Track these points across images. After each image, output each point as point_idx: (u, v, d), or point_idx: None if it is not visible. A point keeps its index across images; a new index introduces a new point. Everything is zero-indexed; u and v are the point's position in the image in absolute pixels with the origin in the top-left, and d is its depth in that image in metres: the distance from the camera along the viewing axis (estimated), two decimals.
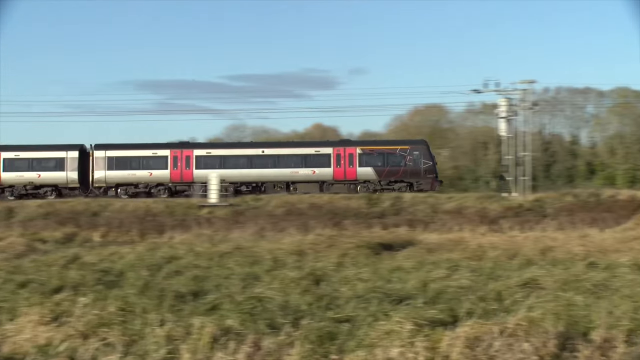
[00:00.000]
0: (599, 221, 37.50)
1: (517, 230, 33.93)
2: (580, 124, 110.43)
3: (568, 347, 10.90)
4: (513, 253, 23.71)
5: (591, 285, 16.32)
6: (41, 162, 61.31)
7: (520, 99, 62.99)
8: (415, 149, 62.50)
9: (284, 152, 62.72)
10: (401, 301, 14.26)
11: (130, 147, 63.84)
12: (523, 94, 62.62)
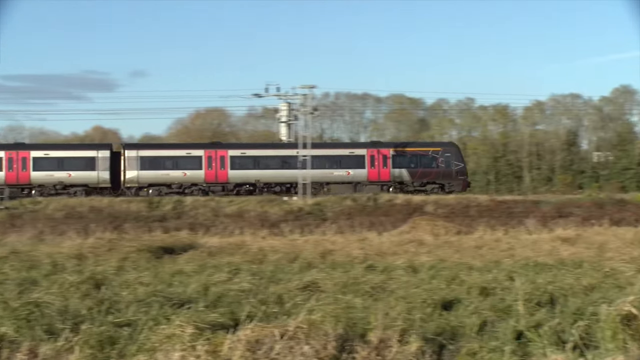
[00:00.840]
0: (377, 225, 38.72)
1: (297, 234, 34.40)
2: (359, 128, 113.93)
3: (347, 349, 11.14)
4: (294, 256, 24.01)
5: (369, 287, 16.77)
6: (71, 161, 59.82)
7: (301, 104, 64.00)
8: (447, 151, 63.27)
9: (319, 153, 61.83)
10: (182, 305, 14.12)
11: (164, 146, 64.69)
12: (303, 99, 63.68)
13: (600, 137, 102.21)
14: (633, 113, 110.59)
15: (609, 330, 11.83)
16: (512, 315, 13.37)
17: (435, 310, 14.24)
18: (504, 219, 42.01)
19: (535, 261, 21.76)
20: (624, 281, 16.86)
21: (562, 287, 15.97)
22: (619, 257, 22.33)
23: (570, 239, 29.38)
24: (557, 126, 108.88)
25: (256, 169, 61.60)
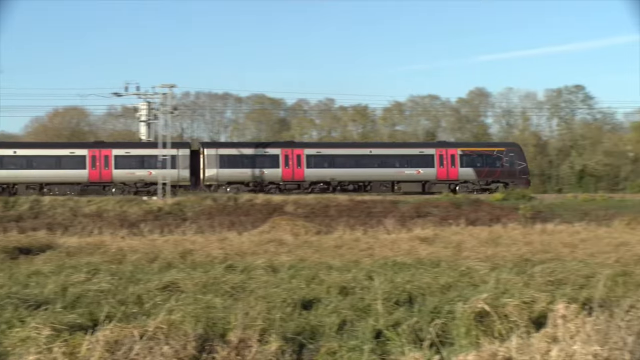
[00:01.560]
0: (238, 224, 38.64)
1: (157, 234, 34.00)
2: (219, 128, 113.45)
3: (207, 349, 11.09)
4: (153, 256, 23.71)
5: (229, 287, 16.73)
6: (153, 159, 59.79)
7: (161, 103, 63.18)
8: (511, 151, 64.93)
9: (391, 152, 64.25)
10: (39, 306, 13.76)
11: (241, 145, 65.29)
12: (163, 98, 62.88)
13: (458, 137, 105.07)
14: (487, 115, 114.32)
15: (464, 327, 12.19)
16: (372, 314, 13.59)
17: (295, 309, 14.33)
18: (364, 218, 42.61)
19: (394, 260, 22.13)
20: (478, 279, 17.38)
21: (420, 286, 16.32)
22: (475, 256, 23.00)
23: (428, 238, 30.05)
24: (415, 127, 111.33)
25: (332, 167, 62.68)
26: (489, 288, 14.61)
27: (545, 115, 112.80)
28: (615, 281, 16.70)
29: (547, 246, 26.56)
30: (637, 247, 25.47)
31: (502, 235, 31.29)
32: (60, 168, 60.02)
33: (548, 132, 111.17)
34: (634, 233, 32.95)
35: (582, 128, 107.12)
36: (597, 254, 23.15)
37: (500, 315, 12.32)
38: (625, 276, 17.61)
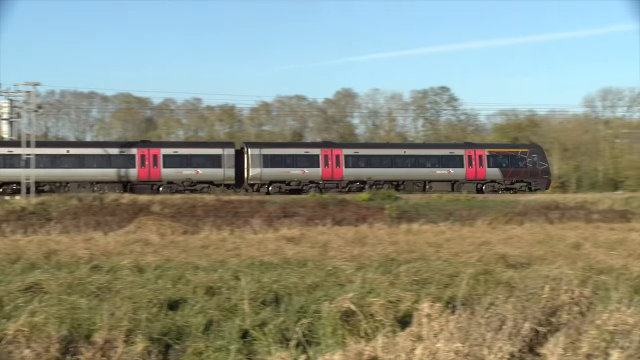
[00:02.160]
0: (103, 224, 37.97)
1: (20, 234, 33.05)
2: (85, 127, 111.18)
3: (71, 350, 10.88)
4: (15, 257, 23.02)
5: (95, 287, 16.43)
6: (199, 158, 62.17)
7: (24, 101, 61.46)
8: (534, 152, 68.30)
9: (423, 152, 67.19)
10: None
11: (283, 145, 67.79)
12: (27, 96, 61.15)
13: (325, 138, 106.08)
14: (354, 115, 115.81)
15: (330, 327, 12.31)
16: (238, 314, 13.58)
17: (161, 310, 14.20)
18: (230, 218, 42.50)
19: (261, 260, 22.16)
20: (344, 279, 17.56)
21: (287, 286, 16.40)
22: (341, 255, 23.22)
23: (294, 238, 30.18)
24: (282, 127, 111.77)
25: (368, 167, 65.12)
26: (355, 287, 14.80)
27: (410, 116, 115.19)
28: (478, 280, 17.17)
29: (413, 246, 27.06)
30: (498, 246, 26.27)
31: (368, 235, 31.71)
32: (111, 167, 61.32)
33: (414, 133, 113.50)
34: (495, 232, 33.96)
35: (447, 129, 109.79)
36: (460, 254, 23.74)
37: (366, 315, 12.49)
38: (487, 275, 18.12)
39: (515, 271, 19.09)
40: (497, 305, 11.71)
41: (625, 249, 24.99)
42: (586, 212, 48.09)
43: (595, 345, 10.88)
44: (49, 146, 63.72)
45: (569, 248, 25.95)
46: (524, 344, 10.95)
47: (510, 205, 51.10)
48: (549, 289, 11.98)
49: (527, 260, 21.97)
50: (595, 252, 23.89)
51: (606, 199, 55.30)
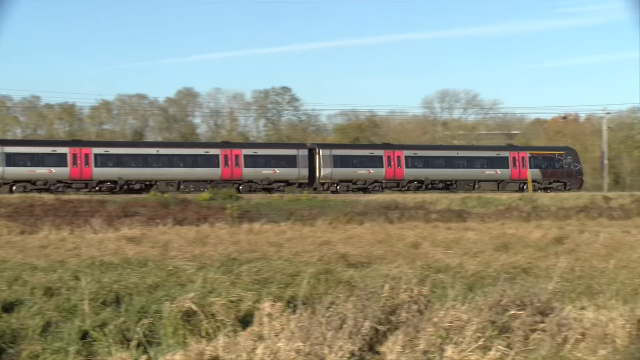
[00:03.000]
0: None
1: None
2: None
3: None
4: None
5: None
6: (277, 159, 66.10)
7: None
8: (569, 154, 74.10)
9: (475, 154, 72.37)
10: None
11: (351, 147, 72.26)
12: None
13: (166, 137, 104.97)
14: (196, 115, 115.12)
15: (171, 327, 12.23)
16: (78, 315, 13.29)
17: None
18: (70, 218, 41.43)
19: (102, 260, 21.73)
20: (186, 279, 17.43)
21: (128, 286, 16.15)
22: (182, 255, 23.04)
23: (135, 238, 29.77)
24: (124, 126, 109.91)
25: (426, 168, 69.74)
26: (196, 288, 14.72)
27: (252, 116, 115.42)
28: (319, 279, 17.37)
29: (254, 245, 27.13)
30: (339, 246, 26.66)
31: (209, 235, 31.60)
32: (197, 167, 64.49)
33: (256, 133, 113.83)
34: (336, 232, 34.44)
35: (289, 129, 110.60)
36: (302, 253, 23.94)
37: (207, 315, 12.46)
38: (328, 274, 18.36)
39: (356, 271, 19.43)
40: (338, 304, 11.90)
41: (462, 248, 25.85)
42: (425, 212, 49.42)
43: (432, 342, 11.23)
44: (140, 146, 69.57)
45: (409, 248, 26.59)
46: (364, 343, 11.17)
47: (351, 205, 51.93)
48: (389, 288, 12.25)
49: (367, 260, 22.38)
50: (433, 252, 24.59)
51: (444, 199, 57.08)
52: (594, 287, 17.15)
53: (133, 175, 63.05)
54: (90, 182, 62.11)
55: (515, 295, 12.47)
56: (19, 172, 60.39)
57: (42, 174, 60.77)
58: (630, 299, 15.21)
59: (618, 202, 57.72)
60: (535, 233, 32.73)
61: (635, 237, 30.79)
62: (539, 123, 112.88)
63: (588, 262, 20.98)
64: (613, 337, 11.89)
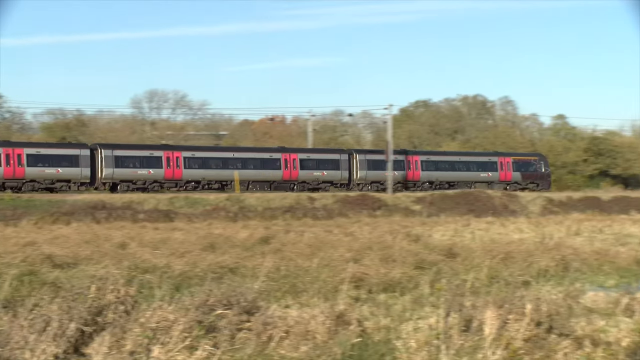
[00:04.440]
0: None
1: None
2: None
3: None
4: None
5: None
6: (324, 162, 75.03)
7: None
8: (541, 159, 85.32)
9: (472, 159, 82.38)
10: None
11: (379, 152, 76.25)
12: None
13: None
14: None
15: None
16: None
17: None
18: None
19: None
20: None
21: None
22: None
23: None
24: None
25: (436, 170, 79.17)
26: None
27: None
28: (22, 281, 16.78)
29: None
30: (44, 246, 25.82)
31: None
32: (263, 168, 71.87)
33: None
34: (41, 232, 33.38)
35: None
36: (4, 254, 22.96)
37: None
38: (32, 275, 17.79)
39: (62, 271, 18.97)
40: (42, 306, 11.57)
41: (169, 248, 25.90)
42: (132, 212, 48.99)
43: (139, 342, 11.19)
44: (219, 150, 77.43)
45: (116, 248, 26.29)
46: (69, 345, 10.93)
47: (57, 204, 50.42)
48: (95, 289, 12.08)
49: (74, 260, 21.90)
50: (141, 252, 24.46)
51: (152, 199, 56.75)
52: (298, 285, 17.84)
53: (214, 175, 70.41)
54: (179, 182, 69.31)
55: (221, 295, 12.70)
56: (125, 172, 66.91)
57: (142, 175, 67.33)
58: (330, 296, 15.98)
59: (321, 202, 60.39)
60: (242, 233, 33.45)
61: (336, 237, 32.27)
62: (247, 124, 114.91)
63: (293, 261, 21.74)
64: (314, 333, 12.42)
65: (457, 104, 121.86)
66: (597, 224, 44.40)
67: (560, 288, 16.43)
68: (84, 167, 65.46)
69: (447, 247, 26.64)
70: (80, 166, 65.37)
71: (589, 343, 11.78)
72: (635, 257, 25.94)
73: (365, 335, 12.85)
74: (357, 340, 12.31)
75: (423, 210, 59.06)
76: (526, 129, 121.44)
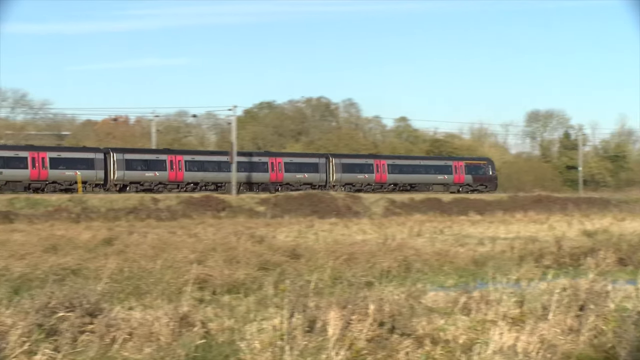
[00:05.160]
0: None
1: None
2: None
3: None
4: None
5: None
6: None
7: None
8: (489, 163, 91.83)
9: (430, 163, 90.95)
10: None
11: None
12: None
13: None
14: None
15: None
16: None
17: None
18: None
19: None
20: None
21: None
22: None
23: None
24: None
25: (400, 174, 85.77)
26: None
27: None
28: None
29: None
30: None
31: None
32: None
33: None
34: None
35: None
36: None
37: None
38: None
39: None
40: None
41: (8, 250, 25.12)
42: None
43: None
44: (216, 155, 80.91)
45: None
46: None
47: None
48: None
49: None
50: None
51: None
52: (141, 287, 17.62)
53: (211, 178, 75.56)
54: (181, 183, 74.10)
55: (63, 297, 12.40)
56: (134, 174, 71.66)
57: (149, 177, 72.10)
58: (174, 297, 15.86)
59: (165, 204, 59.77)
60: (84, 234, 32.77)
61: (180, 238, 32.03)
62: (90, 124, 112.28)
63: (136, 263, 21.43)
64: (158, 334, 12.30)
65: (301, 106, 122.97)
66: (438, 225, 45.73)
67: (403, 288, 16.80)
68: (98, 170, 70.16)
69: (291, 248, 26.79)
70: (96, 169, 70.10)
71: (429, 342, 12.13)
72: (473, 257, 26.90)
73: (209, 337, 12.82)
74: (201, 342, 12.26)
75: (267, 211, 59.26)
76: (369, 131, 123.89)
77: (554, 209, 66.53)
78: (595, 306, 13.25)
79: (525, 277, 20.61)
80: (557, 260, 26.16)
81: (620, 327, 12.19)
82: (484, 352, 11.54)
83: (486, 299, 15.61)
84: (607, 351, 12.23)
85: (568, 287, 15.24)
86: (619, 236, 32.01)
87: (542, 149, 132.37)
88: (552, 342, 12.13)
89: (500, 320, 12.78)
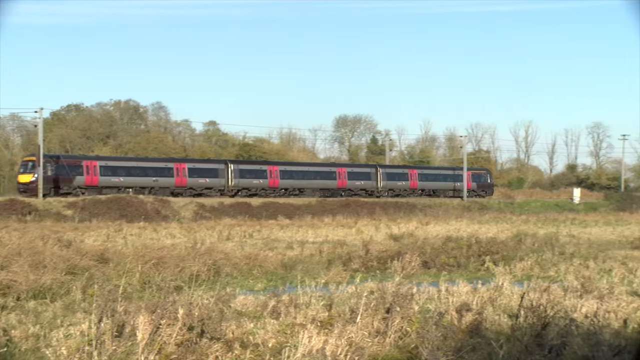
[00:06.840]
0: None
1: None
2: None
3: None
4: None
5: None
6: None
7: None
8: (487, 173, 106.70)
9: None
10: None
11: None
12: None
13: None
14: None
15: None
16: None
17: None
18: None
19: None
20: None
21: None
22: None
23: None
24: None
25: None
26: None
27: None
28: None
29: None
30: None
31: None
32: (320, 179, 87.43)
33: None
34: None
35: None
36: None
37: None
38: None
39: None
40: None
41: None
42: None
43: None
44: (296, 165, 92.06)
45: None
46: None
47: None
48: None
49: None
50: None
51: None
52: None
53: (297, 184, 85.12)
54: (277, 189, 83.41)
55: None
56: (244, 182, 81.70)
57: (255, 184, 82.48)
58: None
59: None
60: None
61: None
62: None
63: None
64: None
65: (110, 109, 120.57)
66: (247, 229, 46.00)
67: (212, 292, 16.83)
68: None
69: (100, 252, 26.23)
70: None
71: (239, 345, 12.20)
72: (282, 261, 27.25)
73: (11, 345, 12.40)
74: (2, 351, 11.85)
75: (75, 215, 57.74)
76: (178, 135, 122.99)
77: (361, 213, 68.16)
78: (401, 308, 13.70)
79: (334, 280, 21.11)
80: (365, 264, 26.92)
81: (422, 328, 12.67)
82: (293, 356, 11.73)
83: (295, 302, 15.89)
84: (411, 351, 12.69)
85: (375, 290, 15.75)
86: (424, 240, 33.20)
87: (350, 153, 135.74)
88: (360, 345, 12.47)
89: (309, 324, 13.01)
